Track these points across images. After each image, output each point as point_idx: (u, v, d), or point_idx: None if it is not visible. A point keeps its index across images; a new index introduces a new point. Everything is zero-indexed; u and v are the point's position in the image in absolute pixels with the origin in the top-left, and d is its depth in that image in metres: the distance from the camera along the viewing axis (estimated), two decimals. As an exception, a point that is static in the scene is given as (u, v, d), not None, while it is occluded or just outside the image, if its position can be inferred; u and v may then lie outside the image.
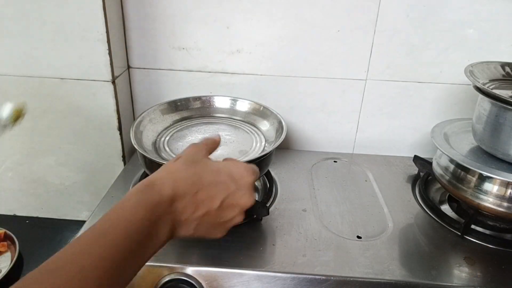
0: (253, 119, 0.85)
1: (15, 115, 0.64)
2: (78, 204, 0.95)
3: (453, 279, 0.61)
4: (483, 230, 0.71)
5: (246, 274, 0.59)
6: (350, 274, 0.59)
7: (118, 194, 0.77)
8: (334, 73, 0.90)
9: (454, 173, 0.73)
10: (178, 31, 0.87)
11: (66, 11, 0.75)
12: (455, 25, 0.84)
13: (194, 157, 0.47)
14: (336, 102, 0.92)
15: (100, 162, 0.89)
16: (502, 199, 0.67)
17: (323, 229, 0.69)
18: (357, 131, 0.96)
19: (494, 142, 0.69)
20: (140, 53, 0.89)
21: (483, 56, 0.79)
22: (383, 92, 0.91)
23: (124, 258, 0.36)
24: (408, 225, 0.72)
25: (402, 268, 0.61)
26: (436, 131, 0.78)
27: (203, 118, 0.85)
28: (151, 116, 0.80)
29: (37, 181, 0.92)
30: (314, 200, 0.78)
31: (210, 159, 0.49)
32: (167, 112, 0.84)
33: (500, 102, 0.65)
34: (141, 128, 0.77)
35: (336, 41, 0.86)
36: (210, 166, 0.47)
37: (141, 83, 0.92)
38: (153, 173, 0.45)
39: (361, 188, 0.83)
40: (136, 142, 0.70)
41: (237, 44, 0.88)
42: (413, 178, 0.87)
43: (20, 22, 0.77)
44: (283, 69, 0.90)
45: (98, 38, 0.77)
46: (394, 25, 0.84)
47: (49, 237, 0.90)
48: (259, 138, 0.78)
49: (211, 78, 0.91)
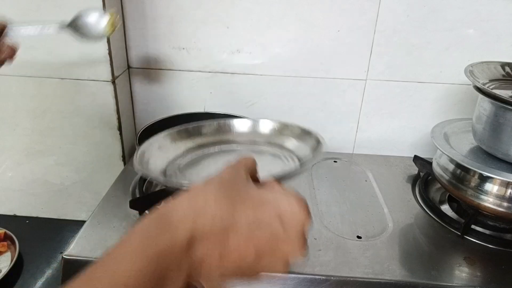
0: (277, 139, 0.67)
1: (111, 25, 0.65)
2: (78, 204, 0.95)
3: (453, 279, 0.61)
4: (483, 230, 0.71)
5: (246, 274, 0.59)
6: (350, 274, 0.59)
7: (118, 194, 0.77)
8: (334, 73, 0.89)
9: (454, 173, 0.73)
10: (178, 31, 0.87)
11: (66, 11, 0.75)
12: (455, 25, 0.84)
13: (230, 180, 0.34)
14: (336, 102, 0.92)
15: (100, 162, 0.89)
16: (502, 199, 0.67)
17: (323, 229, 0.69)
18: (357, 131, 0.96)
19: (494, 142, 0.69)
20: (140, 53, 0.89)
21: (483, 56, 0.79)
22: (383, 92, 0.91)
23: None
24: (408, 225, 0.72)
25: (402, 268, 0.61)
26: (436, 131, 0.78)
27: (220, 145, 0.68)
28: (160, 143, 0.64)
29: (37, 181, 0.92)
30: (314, 200, 0.78)
31: (251, 183, 0.35)
32: (179, 139, 0.67)
33: (500, 102, 0.65)
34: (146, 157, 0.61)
35: (336, 41, 0.86)
36: (252, 195, 0.33)
37: (141, 83, 0.92)
38: (173, 200, 0.32)
39: (361, 188, 0.83)
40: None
41: (237, 44, 0.88)
42: (413, 178, 0.87)
43: (20, 22, 0.77)
44: (283, 69, 0.90)
45: (98, 38, 0.77)
46: (394, 25, 0.84)
47: (49, 237, 0.90)
48: (289, 157, 0.63)
49: (211, 78, 0.91)
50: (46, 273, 0.81)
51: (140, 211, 0.70)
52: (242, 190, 0.33)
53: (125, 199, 0.72)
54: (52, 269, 0.82)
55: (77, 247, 0.62)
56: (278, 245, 0.32)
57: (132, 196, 0.76)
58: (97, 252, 0.61)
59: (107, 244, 0.63)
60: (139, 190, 0.77)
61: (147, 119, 0.91)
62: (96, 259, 0.28)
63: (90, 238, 0.63)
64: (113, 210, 0.71)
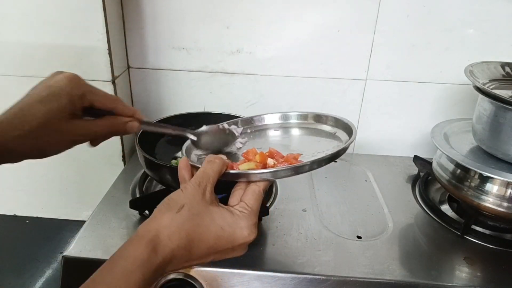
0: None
1: None
2: (78, 204, 0.95)
3: (453, 279, 0.60)
4: (483, 230, 0.71)
5: (246, 274, 0.59)
6: (350, 274, 0.59)
7: (118, 194, 0.77)
8: (334, 73, 0.89)
9: (454, 173, 0.73)
10: (178, 31, 0.87)
11: (66, 11, 0.75)
12: (455, 25, 0.84)
13: (198, 208, 0.44)
14: (336, 102, 0.92)
15: (100, 162, 0.89)
16: (502, 199, 0.67)
17: (323, 229, 0.69)
18: (357, 131, 0.96)
19: (494, 142, 0.69)
20: (140, 53, 0.89)
21: (483, 56, 0.79)
22: (383, 92, 0.91)
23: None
24: (408, 225, 0.72)
25: (402, 268, 0.61)
26: (436, 131, 0.78)
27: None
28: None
29: (37, 181, 0.92)
30: (314, 200, 0.78)
31: (215, 206, 0.45)
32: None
33: (500, 102, 0.65)
34: None
35: (336, 41, 0.86)
36: (213, 225, 0.44)
37: (141, 83, 0.92)
38: (156, 222, 0.42)
39: (361, 188, 0.83)
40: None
41: (237, 44, 0.88)
42: (413, 178, 0.87)
43: (20, 22, 0.77)
44: (283, 69, 0.90)
45: (98, 38, 0.77)
46: (394, 25, 0.84)
47: (49, 237, 0.90)
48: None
49: (211, 78, 0.91)
50: (46, 273, 0.81)
51: (140, 211, 0.70)
52: (206, 217, 0.44)
53: (125, 199, 0.72)
54: (52, 269, 0.82)
55: (77, 247, 0.62)
56: (228, 255, 0.46)
57: (132, 196, 0.76)
58: (97, 252, 0.61)
59: (107, 244, 0.63)
60: (139, 190, 0.77)
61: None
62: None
63: (90, 238, 0.63)
64: (113, 210, 0.71)
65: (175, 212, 0.43)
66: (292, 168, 0.49)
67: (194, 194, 0.44)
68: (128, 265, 0.38)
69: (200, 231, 0.43)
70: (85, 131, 0.50)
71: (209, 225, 0.43)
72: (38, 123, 0.45)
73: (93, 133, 0.51)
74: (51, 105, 0.46)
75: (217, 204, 0.46)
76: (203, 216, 0.44)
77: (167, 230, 0.41)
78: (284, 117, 0.68)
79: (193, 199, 0.44)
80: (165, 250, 0.40)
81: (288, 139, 0.65)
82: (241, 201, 0.47)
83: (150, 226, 0.42)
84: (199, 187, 0.45)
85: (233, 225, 0.44)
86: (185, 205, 0.43)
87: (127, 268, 0.38)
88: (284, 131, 0.67)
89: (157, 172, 0.70)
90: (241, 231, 0.44)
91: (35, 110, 0.46)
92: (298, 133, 0.67)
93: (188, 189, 0.45)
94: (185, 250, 0.42)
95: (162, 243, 0.40)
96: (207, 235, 0.43)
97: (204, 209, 0.44)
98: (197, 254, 0.43)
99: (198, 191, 0.44)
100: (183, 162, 0.50)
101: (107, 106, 0.51)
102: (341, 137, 0.62)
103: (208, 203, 0.45)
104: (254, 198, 0.47)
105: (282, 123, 0.68)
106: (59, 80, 0.48)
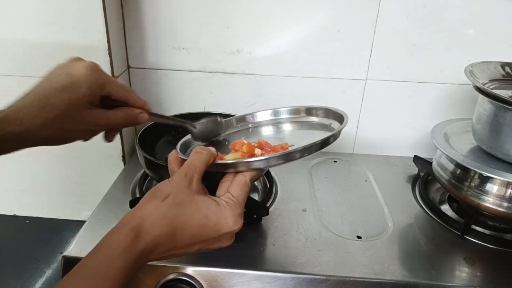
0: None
1: None
2: (78, 204, 0.95)
3: (453, 279, 0.61)
4: (483, 230, 0.71)
5: (246, 274, 0.59)
6: (350, 274, 0.59)
7: (118, 194, 0.77)
8: (334, 73, 0.89)
9: (454, 173, 0.73)
10: (178, 31, 0.87)
11: (66, 11, 0.75)
12: (455, 25, 0.84)
13: (183, 197, 0.44)
14: (336, 102, 0.92)
15: (100, 162, 0.89)
16: (502, 199, 0.67)
17: (323, 229, 0.69)
18: (357, 131, 0.96)
19: (494, 142, 0.69)
20: (140, 53, 0.89)
21: (483, 56, 0.79)
22: (383, 92, 0.91)
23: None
24: (408, 225, 0.72)
25: (402, 268, 0.61)
26: (436, 131, 0.78)
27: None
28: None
29: (37, 181, 0.92)
30: (314, 200, 0.78)
31: (200, 195, 0.45)
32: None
33: (500, 102, 0.65)
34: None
35: (336, 41, 0.86)
36: (198, 214, 0.44)
37: (141, 83, 0.92)
38: (140, 210, 0.43)
39: (361, 188, 0.83)
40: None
41: (237, 44, 0.88)
42: (413, 178, 0.87)
43: (20, 22, 0.77)
44: (283, 69, 0.90)
45: (98, 38, 0.77)
46: (394, 25, 0.84)
47: (49, 237, 0.90)
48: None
49: (211, 78, 0.91)
50: (46, 273, 0.81)
51: (140, 211, 0.70)
52: (190, 205, 0.44)
53: (125, 199, 0.72)
54: (52, 269, 0.82)
55: (77, 247, 0.62)
56: (214, 246, 0.46)
57: (132, 196, 0.76)
58: (97, 252, 0.61)
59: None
60: (139, 190, 0.77)
61: (147, 119, 0.91)
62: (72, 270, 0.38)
63: (90, 238, 0.63)
64: (113, 210, 0.71)
65: (160, 201, 0.43)
66: (278, 156, 0.50)
67: (180, 183, 0.45)
68: (110, 252, 0.39)
69: (184, 219, 0.43)
70: (103, 121, 0.50)
71: (193, 214, 0.44)
72: (59, 111, 0.45)
73: (111, 123, 0.51)
74: (72, 94, 0.45)
75: (203, 194, 0.46)
76: (188, 205, 0.44)
77: (150, 217, 0.42)
78: (276, 113, 0.71)
79: (179, 189, 0.45)
80: (147, 237, 0.41)
81: (282, 133, 0.68)
82: (227, 191, 0.47)
83: (134, 214, 0.43)
84: (186, 177, 0.45)
85: (217, 214, 0.45)
86: (170, 194, 0.44)
87: (109, 254, 0.39)
88: (278, 126, 0.70)
89: (157, 172, 0.70)
90: (226, 221, 0.45)
91: (56, 99, 0.45)
92: (292, 127, 0.69)
93: (175, 179, 0.46)
94: (168, 237, 0.42)
95: (145, 230, 0.41)
96: (191, 223, 0.43)
97: (190, 198, 0.45)
98: (181, 242, 0.43)
99: (184, 181, 0.45)
100: (172, 155, 0.52)
101: (122, 97, 0.51)
102: (336, 128, 0.63)
103: (194, 193, 0.45)
104: (240, 188, 0.47)
105: (275, 119, 0.71)
106: (80, 69, 0.47)
